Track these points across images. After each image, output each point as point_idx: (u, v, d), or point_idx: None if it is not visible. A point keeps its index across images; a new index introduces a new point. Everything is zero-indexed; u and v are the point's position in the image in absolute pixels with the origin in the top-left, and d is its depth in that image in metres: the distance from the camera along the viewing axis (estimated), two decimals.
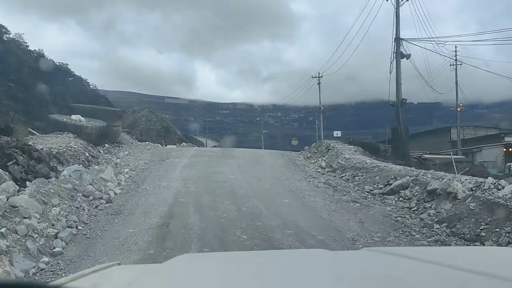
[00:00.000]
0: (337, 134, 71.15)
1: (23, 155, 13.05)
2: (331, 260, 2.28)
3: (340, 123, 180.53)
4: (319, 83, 67.70)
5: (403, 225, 12.87)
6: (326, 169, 24.60)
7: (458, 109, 62.98)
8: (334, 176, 22.27)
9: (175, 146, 40.99)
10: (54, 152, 17.63)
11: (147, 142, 35.95)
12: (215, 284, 1.67)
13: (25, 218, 9.39)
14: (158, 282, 1.84)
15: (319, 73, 67.51)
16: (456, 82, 61.88)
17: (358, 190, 18.61)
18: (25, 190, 11.02)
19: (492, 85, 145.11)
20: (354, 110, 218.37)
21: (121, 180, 17.36)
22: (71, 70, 52.62)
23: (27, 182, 11.98)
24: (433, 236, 11.78)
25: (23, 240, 8.76)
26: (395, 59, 37.68)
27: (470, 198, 13.17)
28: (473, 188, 13.77)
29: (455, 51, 57.12)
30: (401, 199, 16.31)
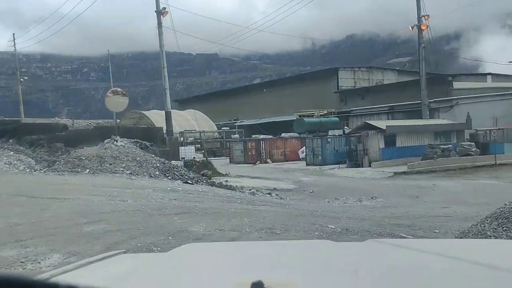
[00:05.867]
0: None
1: None
2: (337, 251, 2.16)
3: (119, 75, 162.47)
4: None
5: None
6: None
7: (423, 26, 35.41)
8: None
9: None
10: None
11: None
12: (219, 274, 1.64)
13: None
14: (162, 270, 1.78)
15: None
16: None
17: None
18: None
19: (266, 39, 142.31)
20: (132, 61, 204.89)
21: None
22: None
23: None
24: None
25: None
26: None
27: None
28: None
29: None
30: None
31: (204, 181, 18.02)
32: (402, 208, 15.33)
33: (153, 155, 17.99)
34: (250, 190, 18.06)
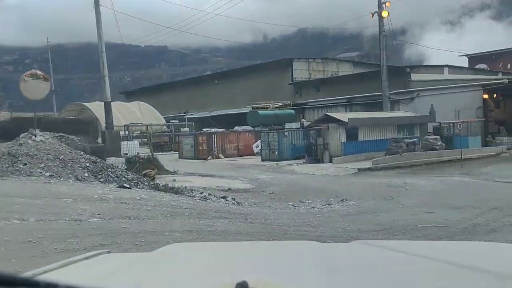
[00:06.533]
0: None
1: None
2: (322, 252, 2.13)
3: (64, 66, 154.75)
4: None
5: None
6: None
7: (384, 13, 31.97)
8: None
9: None
10: None
11: None
12: (204, 273, 1.63)
13: None
14: (146, 270, 1.75)
15: None
16: None
17: None
18: None
19: (216, 31, 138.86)
20: (78, 52, 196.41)
21: None
22: None
23: None
24: None
25: None
26: None
27: None
28: None
29: None
30: None
31: (146, 183, 14.81)
32: (382, 215, 12.79)
33: (82, 153, 14.57)
34: (201, 193, 15.05)
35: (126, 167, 23.54)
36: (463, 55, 58.59)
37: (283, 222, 10.18)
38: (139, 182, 14.36)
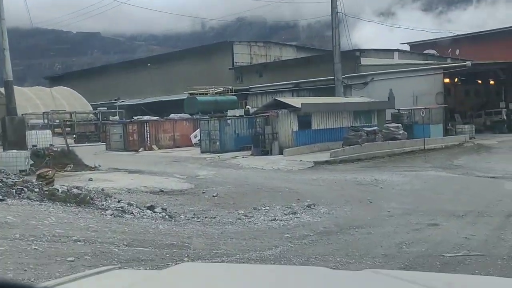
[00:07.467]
0: None
1: None
2: (333, 280, 2.03)
3: None
4: None
5: None
6: None
7: None
8: None
9: None
10: None
11: None
12: None
13: None
14: None
15: None
16: None
17: None
18: None
19: (152, 18, 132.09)
20: (8, 38, 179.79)
21: None
22: None
23: None
24: None
25: None
26: None
27: None
28: None
29: None
30: None
31: (37, 188, 10.12)
32: (374, 232, 8.98)
33: None
34: (118, 202, 10.58)
35: (32, 162, 18.60)
36: (405, 43, 56.81)
37: (241, 259, 6.05)
38: (25, 189, 9.70)
